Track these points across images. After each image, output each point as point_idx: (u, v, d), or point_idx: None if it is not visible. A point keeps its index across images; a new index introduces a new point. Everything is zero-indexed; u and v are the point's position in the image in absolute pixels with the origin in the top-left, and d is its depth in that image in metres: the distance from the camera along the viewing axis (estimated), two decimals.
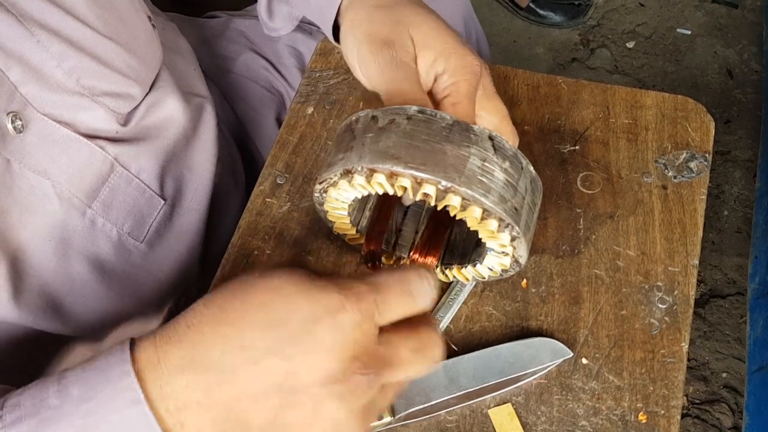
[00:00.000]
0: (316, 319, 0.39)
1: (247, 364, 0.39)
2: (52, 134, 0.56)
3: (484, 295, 0.60)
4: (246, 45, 0.85)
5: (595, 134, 0.67)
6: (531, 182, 0.49)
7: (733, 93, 1.70)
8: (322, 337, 0.39)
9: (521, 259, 0.51)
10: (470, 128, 0.46)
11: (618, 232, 0.62)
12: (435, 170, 0.45)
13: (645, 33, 1.83)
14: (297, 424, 0.39)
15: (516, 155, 0.48)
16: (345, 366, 0.39)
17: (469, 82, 0.53)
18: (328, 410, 0.39)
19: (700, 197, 0.63)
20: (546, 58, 1.79)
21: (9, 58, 0.52)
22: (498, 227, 0.47)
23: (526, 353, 0.56)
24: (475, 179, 0.45)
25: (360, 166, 0.46)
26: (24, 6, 0.52)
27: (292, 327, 0.39)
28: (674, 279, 0.60)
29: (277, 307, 0.39)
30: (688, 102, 0.69)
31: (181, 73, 0.72)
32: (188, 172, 0.69)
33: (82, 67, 0.56)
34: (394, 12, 0.54)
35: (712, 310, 1.43)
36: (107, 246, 0.62)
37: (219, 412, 0.39)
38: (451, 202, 0.46)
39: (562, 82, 0.71)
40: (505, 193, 0.46)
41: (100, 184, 0.60)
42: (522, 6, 1.87)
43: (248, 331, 0.39)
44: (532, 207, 0.49)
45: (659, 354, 0.57)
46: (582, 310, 0.59)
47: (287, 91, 0.84)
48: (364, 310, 0.40)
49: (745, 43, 1.78)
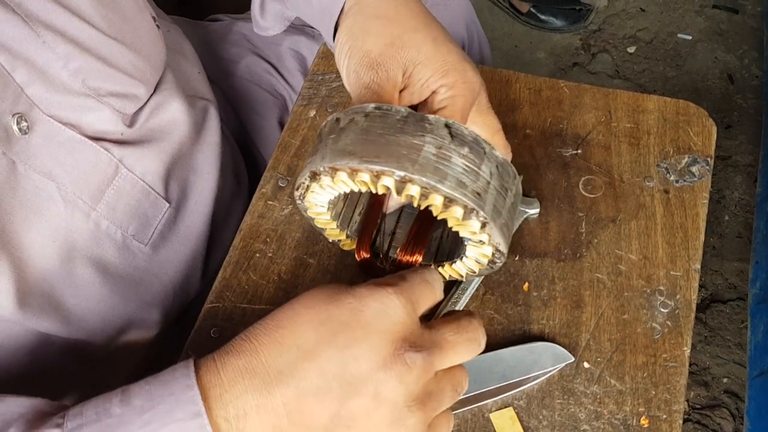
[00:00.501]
0: (362, 307, 0.42)
1: (304, 360, 0.41)
2: (57, 136, 0.56)
3: (486, 299, 0.60)
4: (249, 48, 0.85)
5: (597, 138, 0.67)
6: (497, 167, 0.48)
7: (734, 98, 1.71)
8: (372, 321, 0.42)
9: (500, 246, 0.50)
10: (425, 118, 0.46)
11: (620, 236, 0.62)
12: (388, 161, 0.45)
13: (646, 38, 1.83)
14: (360, 413, 0.41)
15: (477, 140, 0.47)
16: (397, 345, 0.42)
17: (465, 97, 0.53)
18: (388, 392, 0.41)
19: (702, 201, 0.63)
20: (547, 63, 1.80)
21: (15, 59, 0.52)
22: (463, 214, 0.47)
23: (528, 358, 0.56)
24: (429, 166, 0.45)
25: (322, 166, 0.48)
26: (30, 6, 0.52)
27: (341, 318, 0.42)
28: (676, 283, 0.60)
29: (325, 305, 0.43)
30: (689, 106, 0.69)
31: (185, 75, 0.72)
32: (193, 174, 0.69)
33: (88, 68, 0.57)
34: (391, 27, 0.54)
35: (712, 315, 1.43)
36: (112, 249, 0.62)
37: (279, 414, 0.41)
38: (410, 191, 0.46)
39: (564, 86, 0.71)
40: (465, 178, 0.46)
41: (105, 186, 0.60)
42: (523, 11, 1.87)
43: (301, 331, 0.42)
44: (501, 192, 0.48)
45: (661, 358, 0.56)
46: (584, 314, 0.59)
47: (289, 94, 0.85)
48: (405, 294, 0.43)
49: (745, 49, 1.79)
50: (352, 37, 0.55)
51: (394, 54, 0.53)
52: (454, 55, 0.54)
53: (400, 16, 0.55)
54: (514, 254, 0.62)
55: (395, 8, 0.56)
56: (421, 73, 0.53)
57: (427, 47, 0.53)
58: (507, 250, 0.50)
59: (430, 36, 0.54)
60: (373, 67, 0.53)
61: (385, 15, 0.55)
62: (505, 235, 0.49)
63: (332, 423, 0.41)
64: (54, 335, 0.59)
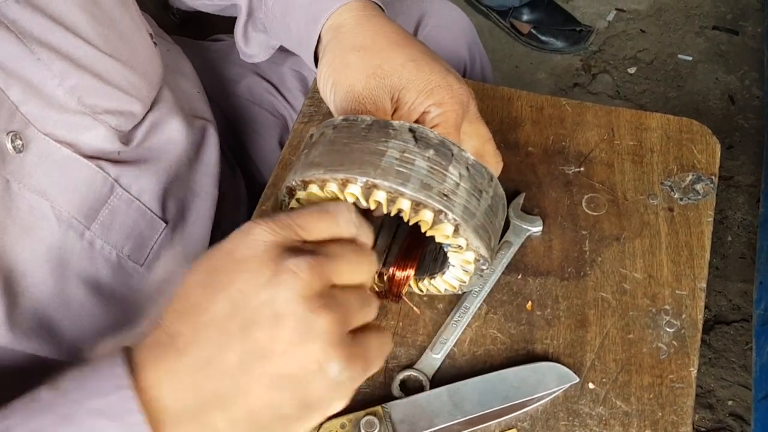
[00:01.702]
0: (232, 246, 0.40)
1: (198, 316, 0.39)
2: (52, 154, 0.56)
3: (489, 318, 0.59)
4: (250, 68, 0.85)
5: (600, 156, 0.67)
6: (468, 168, 0.47)
7: (735, 119, 1.71)
8: (244, 252, 0.39)
9: (480, 250, 0.48)
10: (389, 124, 0.46)
11: (624, 255, 0.61)
12: (351, 168, 0.45)
13: (646, 59, 1.84)
14: (266, 339, 0.38)
15: (443, 142, 0.47)
16: (275, 259, 0.39)
17: (456, 111, 0.53)
18: (283, 306, 0.38)
19: (706, 219, 0.63)
20: (548, 83, 1.80)
21: (9, 77, 0.52)
22: (433, 218, 0.46)
23: (532, 378, 0.55)
24: (392, 170, 0.45)
25: (295, 180, 0.48)
26: (24, 24, 0.52)
27: (218, 265, 0.40)
28: (682, 302, 0.59)
29: (205, 261, 0.41)
30: (693, 124, 0.68)
31: (185, 94, 0.72)
32: (190, 194, 0.69)
33: (84, 85, 0.56)
34: (372, 57, 0.54)
35: (717, 336, 1.41)
36: (106, 269, 0.61)
37: (190, 371, 0.38)
38: (377, 197, 0.46)
39: (566, 104, 0.70)
40: (430, 180, 0.45)
41: (100, 206, 0.60)
42: (524, 32, 1.88)
43: (191, 293, 0.40)
44: (474, 193, 0.47)
45: (668, 379, 0.55)
46: (588, 333, 0.58)
47: (290, 114, 0.84)
48: (275, 223, 0.40)
49: (746, 69, 1.79)
50: (334, 71, 0.56)
51: (377, 84, 0.54)
52: (436, 73, 0.54)
53: (376, 45, 0.56)
54: (517, 273, 0.61)
55: (372, 37, 0.56)
56: (406, 96, 0.54)
57: (407, 71, 0.54)
58: (490, 254, 0.49)
59: (409, 59, 0.54)
60: (359, 101, 0.54)
61: (362, 45, 0.56)
62: (483, 238, 0.48)
63: (244, 361, 0.38)
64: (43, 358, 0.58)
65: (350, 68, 0.55)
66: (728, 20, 1.89)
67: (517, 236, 0.62)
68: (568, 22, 1.86)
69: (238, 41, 0.76)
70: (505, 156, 0.58)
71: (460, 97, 0.54)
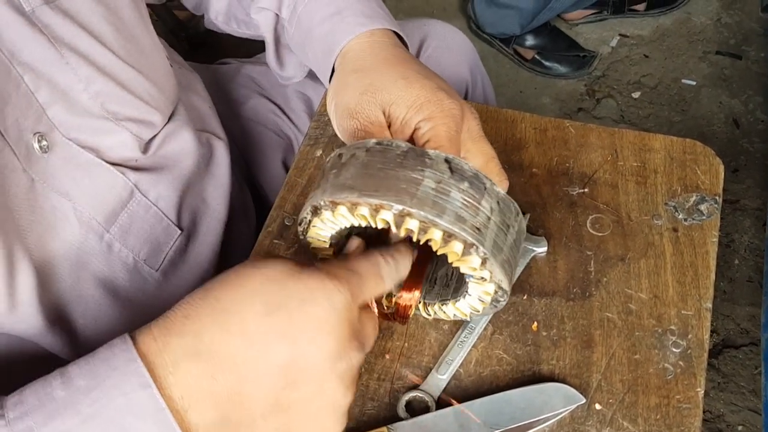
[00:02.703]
0: (312, 302, 0.42)
1: (250, 349, 0.40)
2: (75, 158, 0.57)
3: (494, 338, 0.59)
4: (256, 90, 0.86)
5: (604, 177, 0.67)
6: (498, 202, 0.47)
7: (740, 142, 1.71)
8: (321, 318, 0.42)
9: (503, 283, 0.49)
10: (425, 153, 0.46)
11: (629, 275, 0.61)
12: (387, 195, 0.45)
13: (650, 84, 1.85)
14: (300, 402, 0.42)
15: (477, 175, 0.47)
16: (344, 345, 0.42)
17: (447, 125, 0.54)
18: (329, 388, 0.42)
19: (711, 240, 0.63)
20: (552, 108, 1.81)
21: (39, 80, 0.54)
22: (463, 249, 0.46)
23: (538, 399, 0.54)
24: (428, 201, 0.45)
25: (323, 200, 0.48)
26: (56, 29, 0.54)
27: (289, 310, 0.41)
28: (688, 323, 0.59)
29: (273, 293, 0.41)
30: (696, 145, 0.69)
31: (197, 111, 0.74)
32: (203, 205, 0.71)
33: (107, 92, 0.58)
34: (366, 77, 0.57)
35: (725, 360, 1.40)
36: (123, 272, 0.62)
37: (222, 398, 0.40)
38: (409, 225, 0.46)
39: (570, 125, 0.71)
40: (464, 213, 0.45)
41: (120, 209, 0.61)
42: (527, 58, 1.90)
43: (249, 318, 0.41)
44: (503, 228, 0.47)
45: (674, 400, 0.55)
46: (594, 354, 0.57)
47: (295, 135, 0.85)
48: (352, 291, 0.43)
49: (750, 93, 1.80)
50: (335, 94, 0.58)
51: (369, 100, 0.55)
52: (427, 89, 0.55)
53: (374, 66, 0.58)
54: (522, 293, 0.61)
55: (372, 59, 0.59)
56: (397, 111, 0.55)
57: (397, 87, 0.55)
58: (510, 288, 0.50)
59: (400, 76, 0.56)
60: (353, 116, 0.55)
61: (361, 68, 0.58)
62: (507, 272, 0.49)
63: (272, 408, 0.41)
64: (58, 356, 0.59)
65: (347, 88, 0.57)
66: (731, 45, 1.90)
67: (522, 257, 0.62)
68: (571, 48, 1.88)
69: (274, 68, 0.79)
70: (509, 177, 0.58)
71: (451, 112, 0.54)
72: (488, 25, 1.89)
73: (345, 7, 0.63)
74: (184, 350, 0.40)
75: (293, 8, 0.67)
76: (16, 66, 0.52)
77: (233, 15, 0.76)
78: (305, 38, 0.67)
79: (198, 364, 0.40)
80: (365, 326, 0.46)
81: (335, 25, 0.62)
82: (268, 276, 0.42)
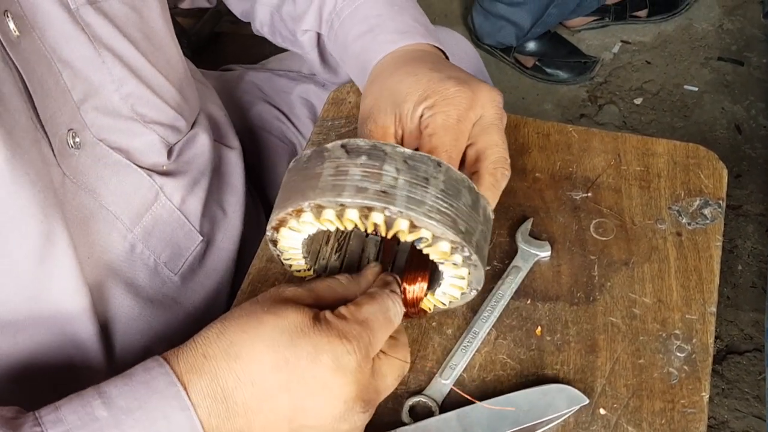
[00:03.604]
0: (318, 363, 0.44)
1: (258, 399, 0.44)
2: (105, 158, 0.58)
3: (498, 343, 0.59)
4: (260, 96, 0.87)
5: (607, 181, 0.67)
6: (406, 161, 0.47)
7: (743, 148, 1.71)
8: (327, 380, 0.44)
9: (447, 234, 0.46)
10: (324, 148, 0.48)
11: (633, 279, 0.61)
12: (294, 199, 0.47)
13: (652, 90, 1.85)
14: None
15: (375, 146, 0.47)
16: (349, 406, 0.44)
17: (445, 113, 0.54)
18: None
19: (715, 244, 0.63)
20: (554, 114, 1.81)
21: (76, 77, 0.55)
22: (384, 220, 0.46)
23: (542, 401, 0.54)
24: (328, 186, 0.46)
25: (270, 225, 0.51)
26: (96, 29, 0.55)
27: (298, 367, 0.44)
28: (692, 327, 0.58)
29: (283, 347, 0.44)
30: (699, 149, 0.69)
31: (215, 121, 0.76)
32: (221, 212, 0.72)
33: (138, 94, 0.59)
34: (382, 82, 0.59)
35: (729, 366, 1.40)
36: (144, 273, 0.63)
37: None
38: (326, 216, 0.47)
39: (573, 130, 0.71)
40: (365, 183, 0.46)
41: (144, 211, 0.62)
42: (528, 66, 1.90)
43: (258, 370, 0.44)
44: (418, 182, 0.46)
45: (679, 404, 0.55)
46: (599, 358, 0.57)
47: (299, 140, 0.85)
48: (362, 351, 0.45)
49: (752, 99, 1.80)
50: (361, 101, 0.61)
51: (380, 105, 0.57)
52: (434, 81, 0.56)
53: (393, 72, 0.59)
54: (526, 298, 0.61)
55: (394, 67, 0.60)
56: (405, 109, 0.56)
57: (405, 85, 0.57)
58: (464, 237, 0.47)
59: (410, 74, 0.57)
60: (365, 119, 0.58)
61: (382, 74, 0.60)
62: (442, 221, 0.46)
63: None
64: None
65: (367, 95, 0.60)
66: (733, 51, 1.90)
67: (525, 261, 0.62)
68: (572, 54, 1.88)
69: (325, 78, 0.82)
70: (512, 182, 0.58)
71: (455, 100, 0.54)
72: (486, 35, 1.90)
73: (377, 24, 0.64)
74: (204, 391, 0.43)
75: (330, 24, 0.69)
76: (56, 62, 0.54)
77: (278, 30, 0.78)
78: (342, 54, 0.69)
79: (215, 404, 0.43)
80: (383, 376, 0.48)
81: (367, 43, 0.64)
82: (281, 327, 0.45)
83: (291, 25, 0.74)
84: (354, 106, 0.74)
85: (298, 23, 0.72)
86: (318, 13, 0.70)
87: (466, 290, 0.53)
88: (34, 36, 0.52)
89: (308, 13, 0.70)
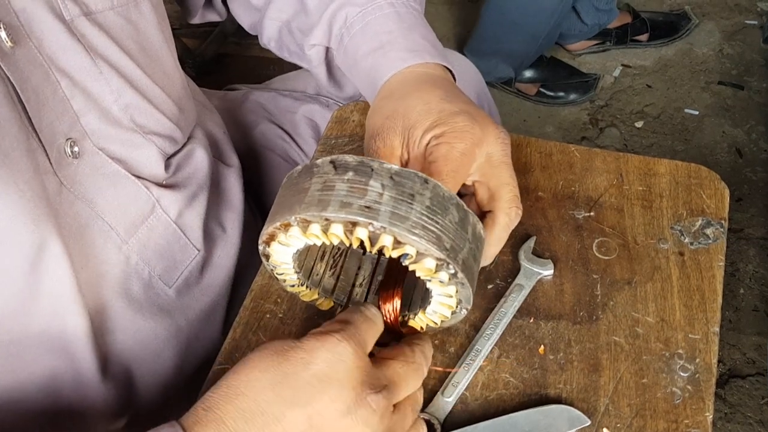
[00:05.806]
0: (314, 359, 0.44)
1: (270, 425, 0.43)
2: (103, 168, 0.59)
3: (501, 362, 0.59)
4: (264, 116, 0.87)
5: (610, 201, 0.67)
6: (392, 177, 0.47)
7: (743, 171, 1.72)
8: (327, 372, 0.44)
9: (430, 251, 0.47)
10: (314, 164, 0.49)
11: (636, 299, 0.61)
12: (282, 213, 0.48)
13: (653, 113, 1.86)
14: None
15: (362, 162, 0.47)
16: (358, 391, 0.44)
17: (450, 144, 0.54)
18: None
19: (718, 264, 0.63)
20: (556, 137, 1.82)
21: (75, 87, 0.55)
22: (368, 234, 0.46)
23: (543, 421, 0.54)
24: (314, 201, 0.47)
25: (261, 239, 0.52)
26: (92, 40, 0.56)
27: (297, 374, 0.44)
28: (695, 346, 0.58)
29: (277, 365, 0.45)
30: (701, 170, 0.69)
31: (211, 135, 0.76)
32: (220, 229, 0.72)
33: (136, 105, 0.60)
34: (393, 103, 0.59)
35: (732, 390, 1.39)
36: (138, 285, 0.63)
37: None
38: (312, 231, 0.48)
39: (575, 150, 0.71)
40: (350, 198, 0.46)
41: (140, 223, 0.62)
42: (531, 94, 1.91)
43: (261, 396, 0.44)
44: (403, 198, 0.46)
45: (683, 424, 0.55)
46: (602, 377, 0.57)
47: (302, 160, 0.86)
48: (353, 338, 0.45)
49: (752, 123, 1.81)
50: (368, 117, 0.61)
51: (390, 125, 0.57)
52: (445, 113, 0.56)
53: (403, 92, 0.60)
54: (529, 316, 0.61)
55: (403, 86, 0.61)
56: (414, 135, 0.56)
57: (416, 112, 0.57)
58: (448, 254, 0.47)
59: (422, 101, 0.58)
60: (373, 137, 0.58)
61: (392, 94, 0.61)
62: (425, 237, 0.46)
63: None
64: None
65: (375, 113, 0.60)
66: (733, 75, 1.92)
67: (528, 279, 0.62)
68: (573, 75, 1.90)
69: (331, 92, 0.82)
70: None
71: (463, 133, 0.55)
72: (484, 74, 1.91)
73: (388, 41, 0.64)
74: None
75: (340, 39, 0.69)
76: (54, 71, 0.54)
77: (285, 45, 0.78)
78: (351, 68, 0.69)
79: None
80: (386, 369, 0.48)
81: (377, 60, 0.64)
82: (271, 350, 0.45)
83: (299, 39, 0.75)
84: (357, 125, 0.75)
85: (307, 37, 0.72)
86: (328, 27, 0.70)
87: (456, 309, 0.52)
88: (30, 45, 0.52)
89: (317, 27, 0.70)
